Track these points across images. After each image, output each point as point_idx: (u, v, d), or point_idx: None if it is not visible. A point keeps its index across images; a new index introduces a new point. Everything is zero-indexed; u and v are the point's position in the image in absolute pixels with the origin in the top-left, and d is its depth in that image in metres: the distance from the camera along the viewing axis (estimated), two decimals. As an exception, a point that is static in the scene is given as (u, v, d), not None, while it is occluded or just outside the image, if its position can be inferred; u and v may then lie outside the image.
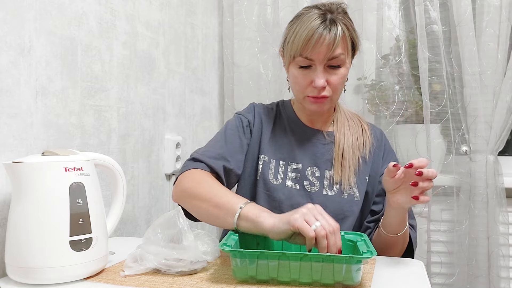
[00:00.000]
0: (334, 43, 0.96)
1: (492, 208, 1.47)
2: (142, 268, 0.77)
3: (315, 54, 0.97)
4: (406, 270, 0.85)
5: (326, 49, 0.96)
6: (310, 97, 1.02)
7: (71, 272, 0.73)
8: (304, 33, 0.96)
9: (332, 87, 1.01)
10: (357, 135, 1.11)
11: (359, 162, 1.08)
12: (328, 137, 1.10)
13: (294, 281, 0.72)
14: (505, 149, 1.53)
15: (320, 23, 0.96)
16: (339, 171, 1.06)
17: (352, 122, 1.13)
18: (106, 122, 1.13)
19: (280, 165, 1.07)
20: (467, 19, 1.47)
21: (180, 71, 1.51)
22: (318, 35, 0.95)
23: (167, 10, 1.43)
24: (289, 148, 1.09)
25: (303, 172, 1.07)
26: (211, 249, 0.80)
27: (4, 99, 0.84)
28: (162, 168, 1.41)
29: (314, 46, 0.96)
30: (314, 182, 1.06)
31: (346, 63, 1.01)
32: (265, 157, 1.08)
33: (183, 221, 0.80)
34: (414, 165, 0.83)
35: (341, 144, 1.08)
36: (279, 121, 1.14)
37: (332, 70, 1.00)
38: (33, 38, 0.90)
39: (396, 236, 0.96)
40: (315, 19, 0.97)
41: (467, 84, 1.49)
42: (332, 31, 0.96)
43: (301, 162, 1.08)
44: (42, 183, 0.72)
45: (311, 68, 1.00)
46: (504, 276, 1.48)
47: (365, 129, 1.13)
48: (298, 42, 0.97)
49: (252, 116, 1.13)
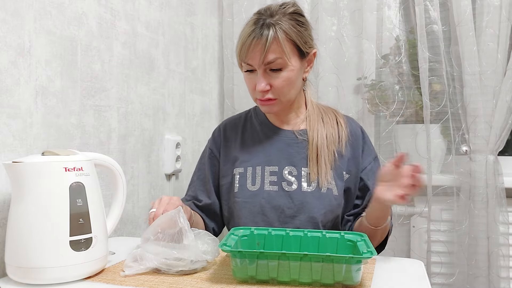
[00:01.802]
0: (265, 48, 0.98)
1: (492, 208, 1.47)
2: (142, 268, 0.77)
3: (250, 59, 1.00)
4: (406, 270, 0.85)
5: (259, 54, 0.99)
6: (258, 100, 1.05)
7: (71, 272, 0.73)
8: (240, 39, 1.01)
9: (276, 90, 1.02)
10: (331, 130, 1.11)
11: (335, 157, 1.09)
12: (301, 135, 1.11)
13: (294, 281, 0.72)
14: (505, 149, 1.53)
15: (253, 29, 0.99)
16: (315, 169, 1.07)
17: (327, 117, 1.14)
18: (106, 122, 1.13)
19: (256, 170, 1.10)
20: (467, 19, 1.47)
21: (180, 71, 1.51)
22: (249, 40, 0.99)
23: (167, 10, 1.43)
24: (264, 153, 1.11)
25: (280, 174, 1.08)
26: (211, 249, 0.80)
27: (4, 99, 0.84)
28: (162, 168, 1.41)
29: (247, 51, 0.99)
30: (292, 182, 1.08)
31: (288, 66, 1.01)
32: (240, 169, 1.11)
33: (184, 221, 0.80)
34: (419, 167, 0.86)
35: (314, 142, 1.09)
36: (250, 128, 1.17)
37: (273, 73, 1.01)
38: (33, 38, 0.90)
39: (376, 229, 0.99)
40: (250, 25, 1.00)
41: (467, 84, 1.49)
42: (264, 36, 0.97)
43: (277, 164, 1.09)
44: (42, 183, 0.72)
45: (254, 72, 1.02)
46: (504, 276, 1.48)
47: (340, 123, 1.13)
48: (237, 48, 1.02)
49: (214, 144, 1.19)
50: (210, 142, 1.21)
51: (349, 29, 1.65)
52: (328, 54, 1.64)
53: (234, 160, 1.14)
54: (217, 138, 1.19)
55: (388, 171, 0.90)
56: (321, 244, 0.86)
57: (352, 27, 1.64)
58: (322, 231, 0.87)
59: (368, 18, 1.60)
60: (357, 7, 1.62)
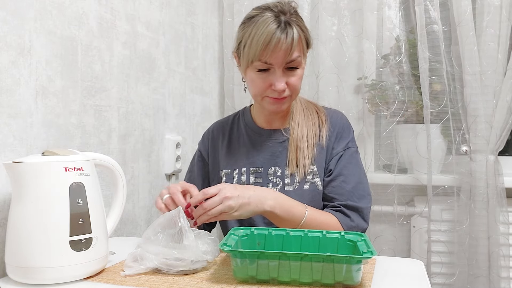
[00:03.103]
0: (292, 47, 0.97)
1: (492, 208, 1.47)
2: (142, 268, 0.77)
3: (273, 59, 0.98)
4: (406, 270, 0.85)
5: (284, 54, 0.97)
6: (270, 98, 1.03)
7: (71, 272, 0.73)
8: (262, 38, 0.96)
9: (291, 87, 1.02)
10: (311, 124, 1.11)
11: (315, 150, 1.09)
12: (285, 133, 1.12)
13: (295, 281, 0.72)
14: (505, 149, 1.53)
15: (277, 28, 0.96)
16: (294, 162, 1.07)
17: (308, 112, 1.14)
18: (106, 122, 1.13)
19: (242, 172, 1.10)
20: (467, 19, 1.46)
21: (180, 71, 1.51)
22: (276, 40, 0.96)
23: (167, 10, 1.43)
24: (249, 155, 1.12)
25: (264, 175, 1.09)
26: (212, 249, 0.80)
27: (4, 99, 0.84)
28: (162, 168, 1.41)
29: (273, 51, 0.97)
30: (276, 182, 1.08)
31: (302, 63, 1.03)
32: (227, 171, 1.12)
33: (184, 221, 0.80)
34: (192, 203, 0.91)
35: (294, 136, 1.09)
36: (237, 130, 1.17)
37: (290, 72, 1.01)
38: (33, 38, 0.90)
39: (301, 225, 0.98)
40: (271, 22, 0.97)
41: (467, 84, 1.49)
42: (289, 35, 0.96)
43: (262, 165, 1.10)
44: (42, 183, 0.72)
45: (270, 71, 1.01)
46: (504, 276, 1.48)
47: (321, 119, 1.12)
48: (256, 47, 0.97)
49: (204, 145, 1.20)
50: (200, 145, 1.22)
51: (350, 29, 1.65)
52: (329, 54, 1.64)
53: (220, 162, 1.15)
54: (206, 141, 1.20)
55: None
56: (321, 244, 0.86)
57: (352, 27, 1.64)
58: (322, 231, 0.87)
59: (368, 18, 1.60)
60: (358, 7, 1.62)
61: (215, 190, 0.91)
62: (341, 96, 1.64)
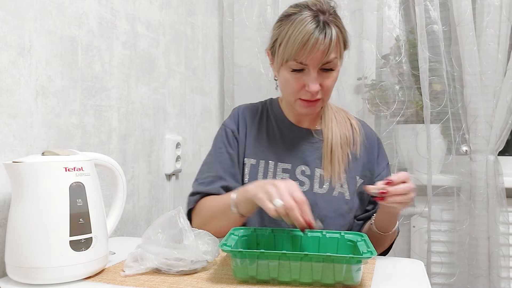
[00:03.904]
0: (329, 48, 0.94)
1: (492, 208, 1.47)
2: (143, 268, 0.77)
3: (309, 59, 0.95)
4: (406, 270, 0.85)
5: (321, 55, 0.94)
6: (303, 101, 1.01)
7: (71, 272, 0.73)
8: (299, 37, 0.93)
9: (324, 90, 1.00)
10: (345, 131, 1.10)
11: (348, 158, 1.08)
12: (317, 135, 1.10)
13: (295, 281, 0.72)
14: (505, 149, 1.53)
15: (315, 27, 0.93)
16: (328, 168, 1.06)
17: (340, 117, 1.12)
18: (106, 122, 1.13)
19: (269, 165, 1.07)
20: (467, 19, 1.47)
21: (181, 71, 1.51)
22: (313, 40, 0.92)
23: (167, 10, 1.43)
24: (277, 149, 1.09)
25: (292, 172, 1.06)
26: (212, 249, 0.80)
27: (4, 99, 0.84)
28: (162, 168, 1.41)
29: (310, 51, 0.93)
30: (304, 181, 1.06)
31: (337, 65, 1.00)
32: (252, 160, 1.08)
33: (184, 221, 0.80)
34: (394, 181, 0.86)
35: (329, 141, 1.07)
36: (266, 121, 1.13)
37: (325, 73, 0.98)
38: (33, 38, 0.90)
39: (386, 234, 0.99)
40: (309, 22, 0.93)
41: (467, 84, 1.49)
42: (327, 36, 0.93)
43: (290, 162, 1.07)
44: (42, 183, 0.72)
45: (304, 72, 0.97)
46: (504, 276, 1.48)
47: (354, 125, 1.11)
48: (292, 46, 0.94)
49: (236, 125, 1.12)
50: (230, 124, 1.12)
51: (350, 29, 1.63)
52: (329, 54, 1.64)
53: (246, 149, 1.09)
54: (237, 120, 1.12)
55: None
56: (321, 244, 0.86)
57: (352, 27, 1.64)
58: (322, 231, 0.87)
59: (368, 18, 1.60)
60: (357, 7, 1.62)
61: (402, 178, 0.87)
62: (341, 96, 1.64)
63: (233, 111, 1.15)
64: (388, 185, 0.86)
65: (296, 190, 0.82)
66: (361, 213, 1.10)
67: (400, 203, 0.87)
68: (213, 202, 1.02)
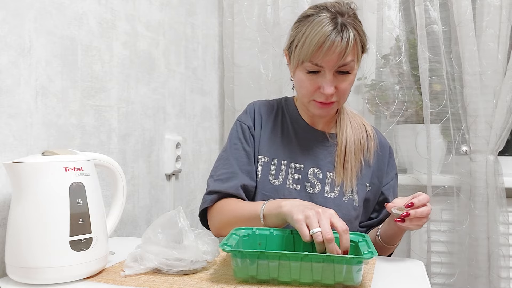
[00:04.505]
0: (346, 51, 0.93)
1: (492, 208, 1.47)
2: (142, 268, 0.77)
3: (325, 61, 0.94)
4: (406, 270, 0.85)
5: (337, 57, 0.93)
6: (317, 102, 1.00)
7: (71, 272, 0.73)
8: (315, 39, 0.92)
9: (340, 93, 0.99)
10: (360, 137, 1.09)
11: (361, 165, 1.07)
12: (331, 139, 1.09)
13: (295, 281, 0.72)
14: (505, 149, 1.53)
15: (332, 30, 0.92)
16: (341, 173, 1.05)
17: (355, 122, 1.11)
18: (106, 122, 1.13)
19: (282, 164, 1.06)
20: (467, 19, 1.47)
21: (180, 71, 1.51)
22: (330, 42, 0.91)
23: (167, 10, 1.43)
24: (291, 149, 1.08)
25: (304, 173, 1.06)
26: (212, 249, 0.80)
27: (4, 99, 0.84)
28: (162, 168, 1.41)
29: (326, 53, 0.92)
30: (315, 184, 1.05)
31: (354, 69, 0.98)
32: (265, 158, 1.07)
33: (184, 221, 0.80)
34: (415, 204, 0.86)
35: (343, 146, 1.06)
36: (281, 119, 1.12)
37: (341, 76, 0.97)
38: (33, 38, 0.90)
39: (391, 246, 1.00)
40: (326, 24, 0.92)
41: (467, 84, 1.49)
42: (344, 38, 0.92)
43: (303, 163, 1.06)
44: (42, 183, 0.72)
45: (319, 74, 0.96)
46: (504, 276, 1.48)
47: (369, 132, 1.11)
48: (308, 47, 0.93)
49: (252, 120, 1.11)
50: (245, 120, 1.11)
51: (349, 29, 1.65)
52: (328, 54, 1.64)
53: (260, 146, 1.09)
54: (252, 116, 1.11)
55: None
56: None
57: (352, 27, 1.64)
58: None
59: (368, 18, 1.60)
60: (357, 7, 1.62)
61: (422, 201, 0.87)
62: (341, 96, 1.64)
63: (248, 107, 1.14)
64: (409, 208, 0.86)
65: (337, 219, 0.80)
66: (364, 219, 1.10)
67: (417, 225, 0.88)
68: (237, 207, 1.00)
